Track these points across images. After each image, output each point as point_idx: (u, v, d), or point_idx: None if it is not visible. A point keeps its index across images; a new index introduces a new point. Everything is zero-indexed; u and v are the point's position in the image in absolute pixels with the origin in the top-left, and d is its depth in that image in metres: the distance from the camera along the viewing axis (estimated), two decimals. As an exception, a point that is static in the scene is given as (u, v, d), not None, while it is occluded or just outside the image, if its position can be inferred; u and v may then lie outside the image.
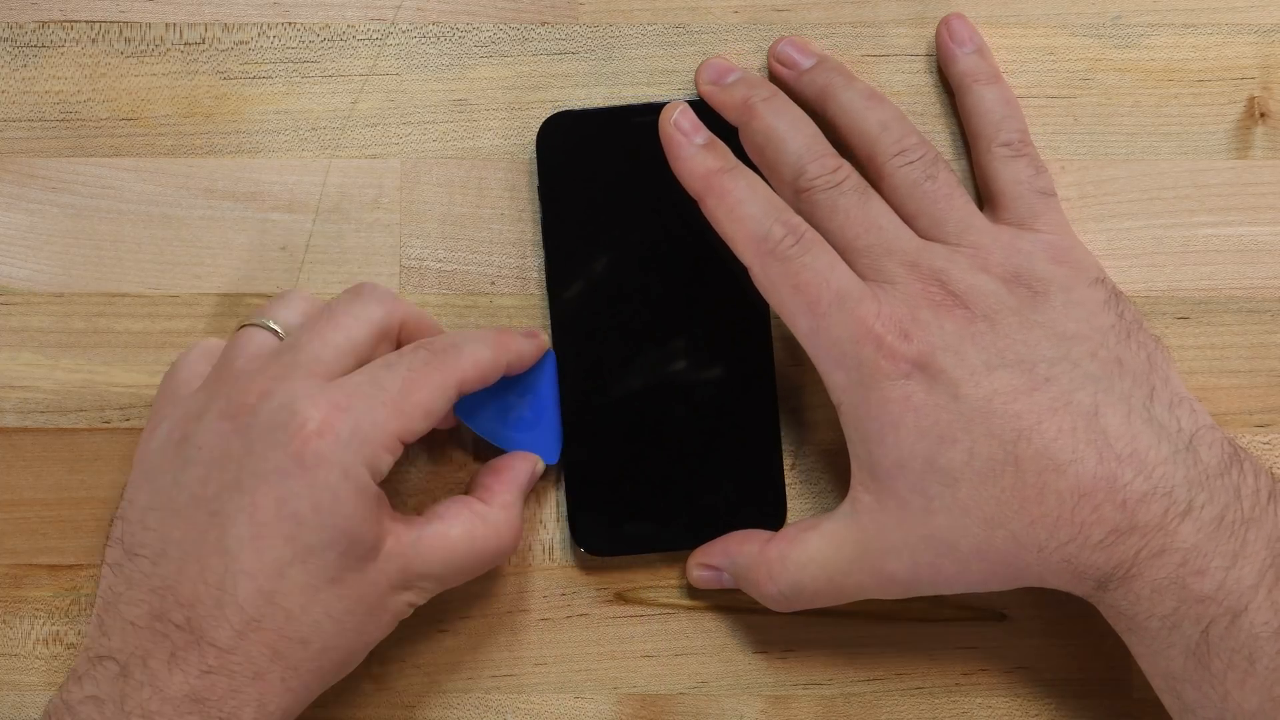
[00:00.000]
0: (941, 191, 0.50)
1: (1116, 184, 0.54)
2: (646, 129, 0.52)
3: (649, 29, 0.55)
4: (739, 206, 0.48)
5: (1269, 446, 0.53)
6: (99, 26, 0.54)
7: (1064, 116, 0.54)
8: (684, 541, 0.52)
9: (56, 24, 0.54)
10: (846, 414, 0.48)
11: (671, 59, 0.54)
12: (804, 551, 0.49)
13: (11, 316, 0.53)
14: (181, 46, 0.54)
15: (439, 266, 0.54)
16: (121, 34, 0.54)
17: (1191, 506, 0.44)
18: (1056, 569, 0.46)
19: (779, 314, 0.48)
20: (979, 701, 0.53)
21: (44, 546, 0.53)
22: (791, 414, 0.53)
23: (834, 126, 0.52)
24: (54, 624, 0.53)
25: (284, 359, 0.47)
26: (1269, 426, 0.53)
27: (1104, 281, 0.49)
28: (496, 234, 0.54)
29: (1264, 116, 0.54)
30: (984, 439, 0.45)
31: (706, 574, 0.52)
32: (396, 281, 0.54)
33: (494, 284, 0.54)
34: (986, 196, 0.52)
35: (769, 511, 0.52)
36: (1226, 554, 0.44)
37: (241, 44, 0.54)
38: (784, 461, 0.53)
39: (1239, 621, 0.43)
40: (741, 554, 0.51)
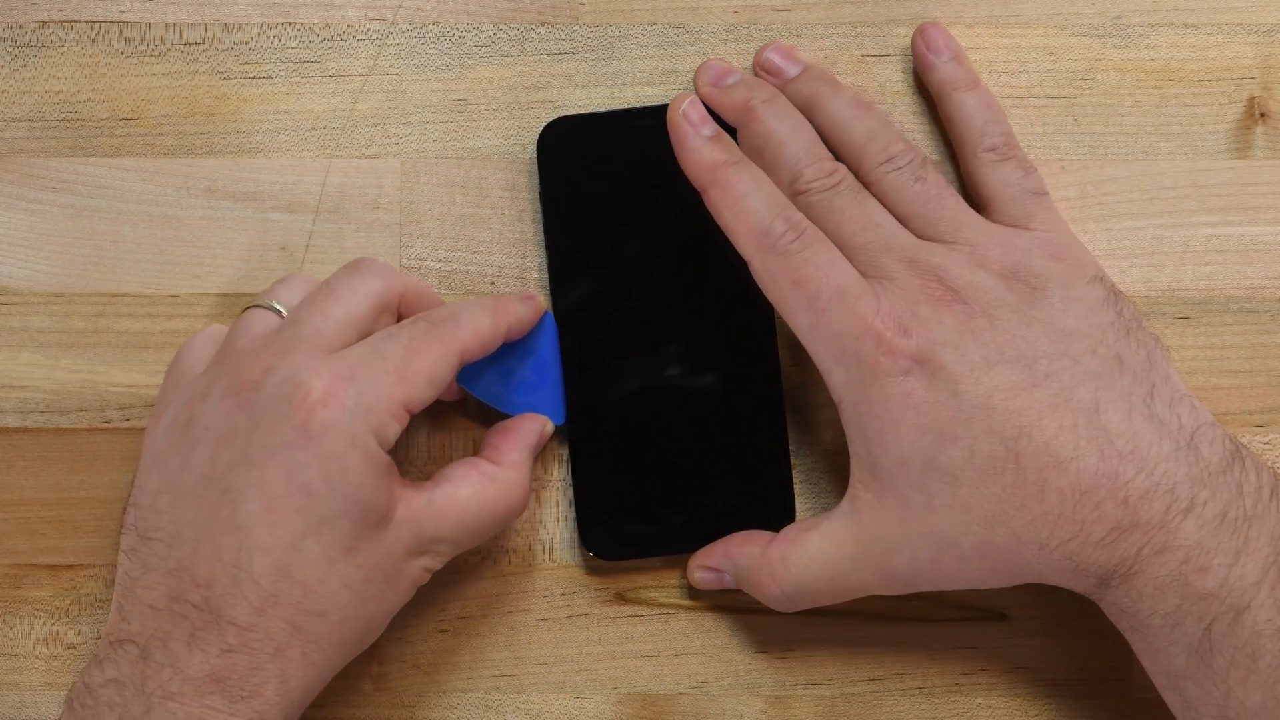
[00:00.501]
0: (932, 192, 0.50)
1: (1116, 184, 0.54)
2: (646, 132, 0.52)
3: (649, 29, 0.55)
4: (742, 200, 0.48)
5: (1269, 446, 0.53)
6: (99, 26, 0.54)
7: (1064, 116, 0.54)
8: (692, 545, 0.52)
9: (56, 24, 0.54)
10: (846, 411, 0.48)
11: (671, 59, 0.54)
12: (805, 552, 0.49)
13: (11, 316, 0.53)
14: (181, 46, 0.54)
15: (439, 266, 0.54)
16: (121, 34, 0.54)
17: (1194, 504, 0.44)
18: (1058, 566, 0.46)
19: (779, 310, 0.48)
20: (979, 701, 0.53)
21: (44, 546, 0.53)
22: (793, 414, 0.53)
23: (821, 135, 0.52)
24: (54, 624, 0.53)
25: (285, 335, 0.47)
26: (1269, 426, 0.53)
27: (1102, 279, 0.49)
28: (496, 234, 0.54)
29: (1264, 116, 0.54)
30: (984, 436, 0.45)
31: (708, 575, 0.52)
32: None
33: (494, 284, 0.54)
34: (979, 202, 0.52)
35: (778, 514, 0.52)
36: (1229, 551, 0.44)
37: (241, 44, 0.54)
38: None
39: (1242, 619, 0.43)
40: (743, 556, 0.51)
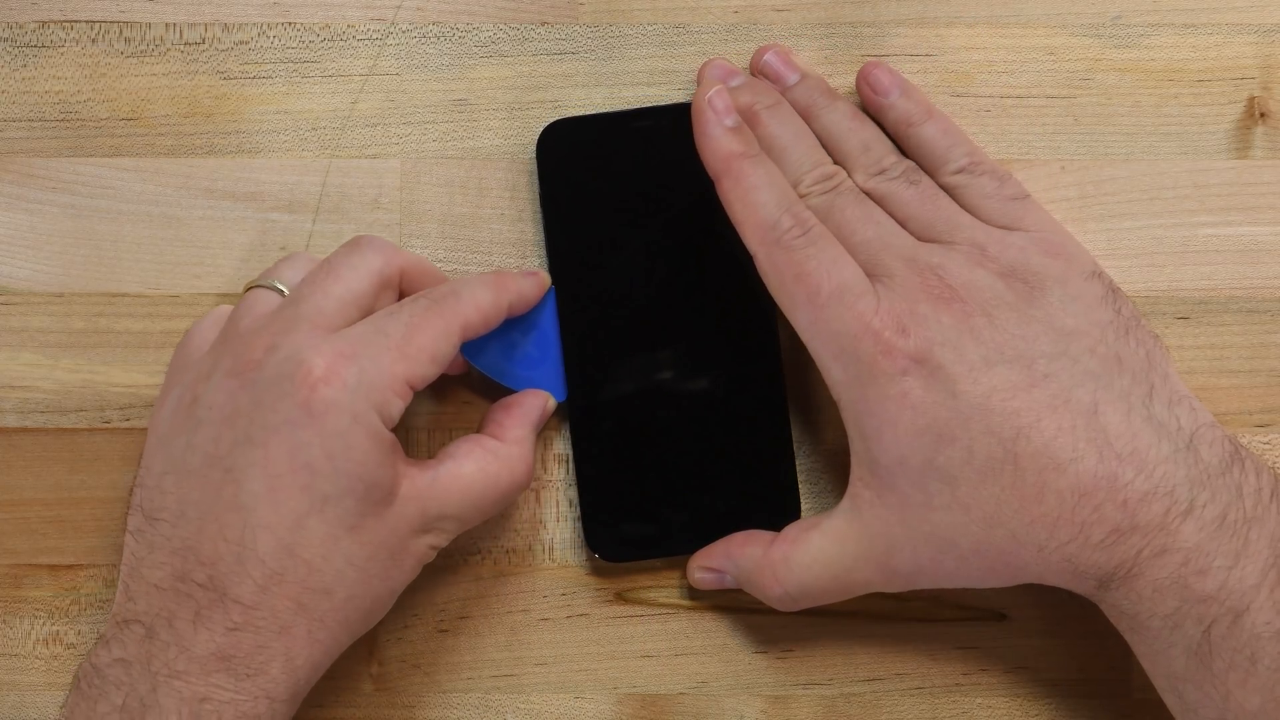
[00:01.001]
0: (926, 195, 0.50)
1: (1116, 184, 0.54)
2: (645, 133, 0.52)
3: (649, 29, 0.55)
4: (753, 192, 0.48)
5: (1269, 446, 0.53)
6: (99, 26, 0.54)
7: (1064, 116, 0.54)
8: (697, 545, 0.52)
9: (56, 24, 0.54)
10: (845, 410, 0.48)
11: (671, 59, 0.54)
12: (807, 552, 0.49)
13: (11, 316, 0.53)
14: (181, 46, 0.54)
15: (439, 266, 0.54)
16: (121, 34, 0.54)
17: (1193, 506, 0.44)
18: (1057, 568, 0.46)
19: (780, 305, 0.48)
20: (979, 701, 0.53)
21: (44, 546, 0.53)
22: (796, 414, 0.53)
23: None
24: (54, 624, 0.53)
25: (287, 313, 0.47)
26: (1269, 426, 0.53)
27: (1100, 276, 0.49)
28: (496, 234, 0.54)
29: (1264, 116, 0.54)
30: (982, 437, 0.45)
31: (709, 576, 0.52)
32: (397, 281, 0.54)
33: (494, 284, 0.54)
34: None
35: (783, 513, 0.52)
36: (1228, 553, 0.44)
37: (241, 44, 0.54)
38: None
39: (1241, 621, 0.43)
40: (744, 557, 0.51)
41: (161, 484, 0.47)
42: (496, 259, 0.54)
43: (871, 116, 0.53)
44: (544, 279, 0.52)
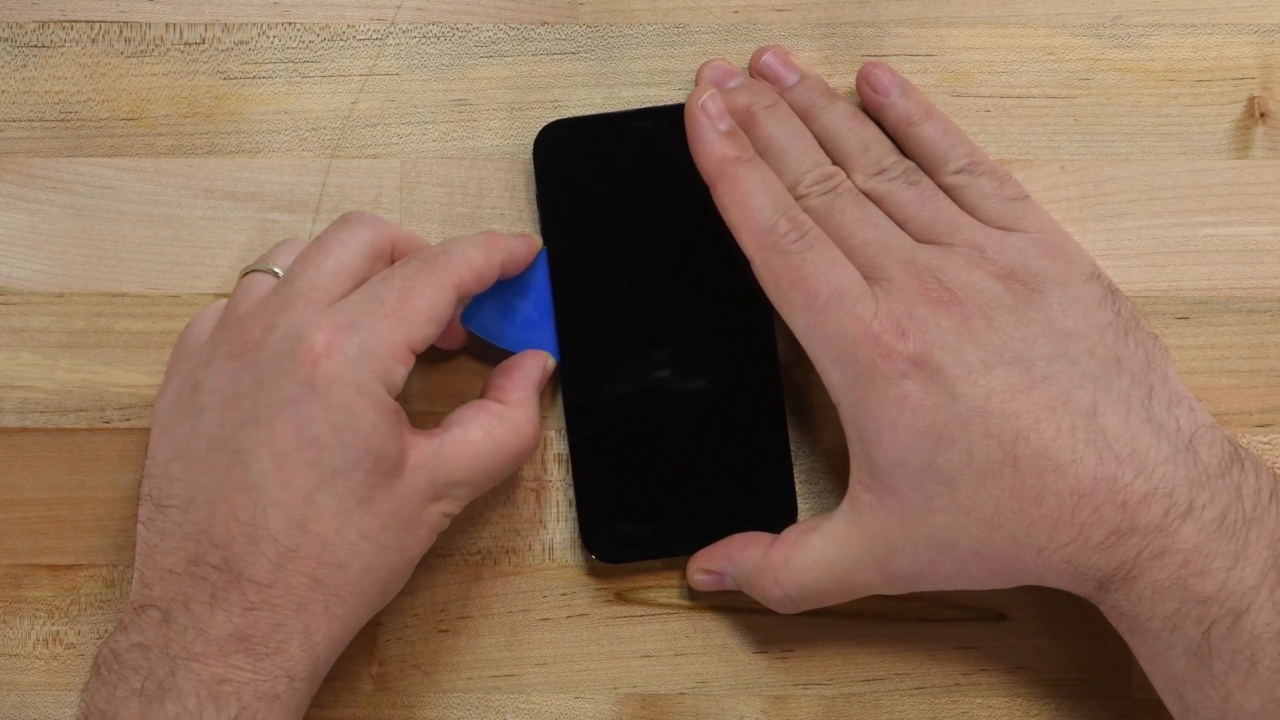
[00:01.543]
0: (926, 195, 0.50)
1: (1116, 184, 0.54)
2: (642, 134, 0.52)
3: (649, 29, 0.55)
4: (749, 197, 0.48)
5: (1269, 446, 0.53)
6: (99, 26, 0.54)
7: (1064, 116, 0.54)
8: (695, 546, 0.52)
9: (56, 24, 0.54)
10: (845, 412, 0.48)
11: (671, 59, 0.54)
12: (807, 554, 0.49)
13: (11, 316, 0.53)
14: (181, 46, 0.54)
15: (439, 266, 0.54)
16: (121, 34, 0.54)
17: (1192, 507, 0.44)
18: (1057, 569, 0.46)
19: (778, 309, 0.49)
20: (979, 701, 0.53)
21: (44, 546, 0.53)
22: (794, 415, 0.53)
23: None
24: (54, 624, 0.53)
25: (282, 293, 0.47)
26: (1269, 426, 0.53)
27: (1099, 277, 0.49)
28: (496, 234, 0.54)
29: (1264, 116, 0.54)
30: (981, 439, 0.45)
31: (708, 578, 0.52)
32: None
33: (494, 284, 0.54)
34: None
35: (780, 514, 0.52)
36: (1228, 555, 0.44)
37: (241, 44, 0.54)
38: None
39: (1241, 622, 0.43)
40: (744, 559, 0.51)
41: (169, 471, 0.47)
42: (496, 259, 0.54)
43: (871, 116, 0.53)
44: (534, 240, 0.52)
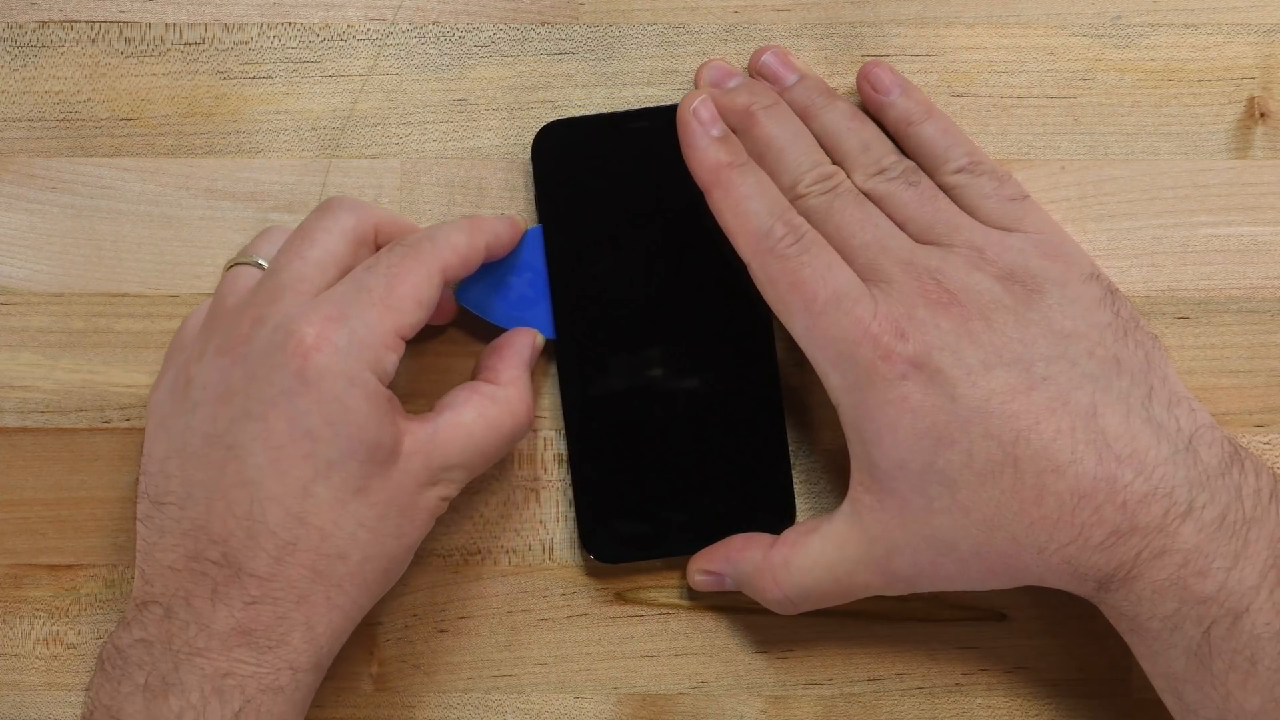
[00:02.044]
0: (926, 196, 0.50)
1: (1116, 184, 0.54)
2: (641, 134, 0.52)
3: (649, 29, 0.55)
4: (744, 202, 0.48)
5: (1269, 446, 0.53)
6: (99, 26, 0.54)
7: (1064, 116, 0.54)
8: (694, 547, 0.52)
9: (56, 24, 0.54)
10: (845, 414, 0.48)
11: (671, 59, 0.54)
12: (807, 555, 0.49)
13: (11, 316, 0.53)
14: (181, 46, 0.54)
15: (439, 266, 0.54)
16: (121, 34, 0.54)
17: (1192, 507, 0.44)
18: (1057, 570, 0.46)
19: (776, 313, 0.48)
20: (979, 701, 0.53)
21: (44, 546, 0.53)
22: (792, 415, 0.53)
23: None
24: (54, 624, 0.53)
25: (268, 284, 0.47)
26: (1269, 426, 0.53)
27: (1098, 277, 0.49)
28: (496, 234, 0.54)
29: (1264, 116, 0.54)
30: (982, 440, 0.45)
31: (708, 579, 0.52)
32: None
33: (494, 284, 0.54)
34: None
35: (779, 515, 0.52)
36: (1228, 555, 0.44)
37: (241, 44, 0.54)
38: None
39: (1240, 622, 0.43)
40: (744, 560, 0.51)
41: (165, 468, 0.47)
42: (496, 259, 0.54)
43: (871, 115, 0.53)
44: (518, 221, 0.52)
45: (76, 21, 0.54)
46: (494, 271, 0.52)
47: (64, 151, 0.54)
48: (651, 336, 0.52)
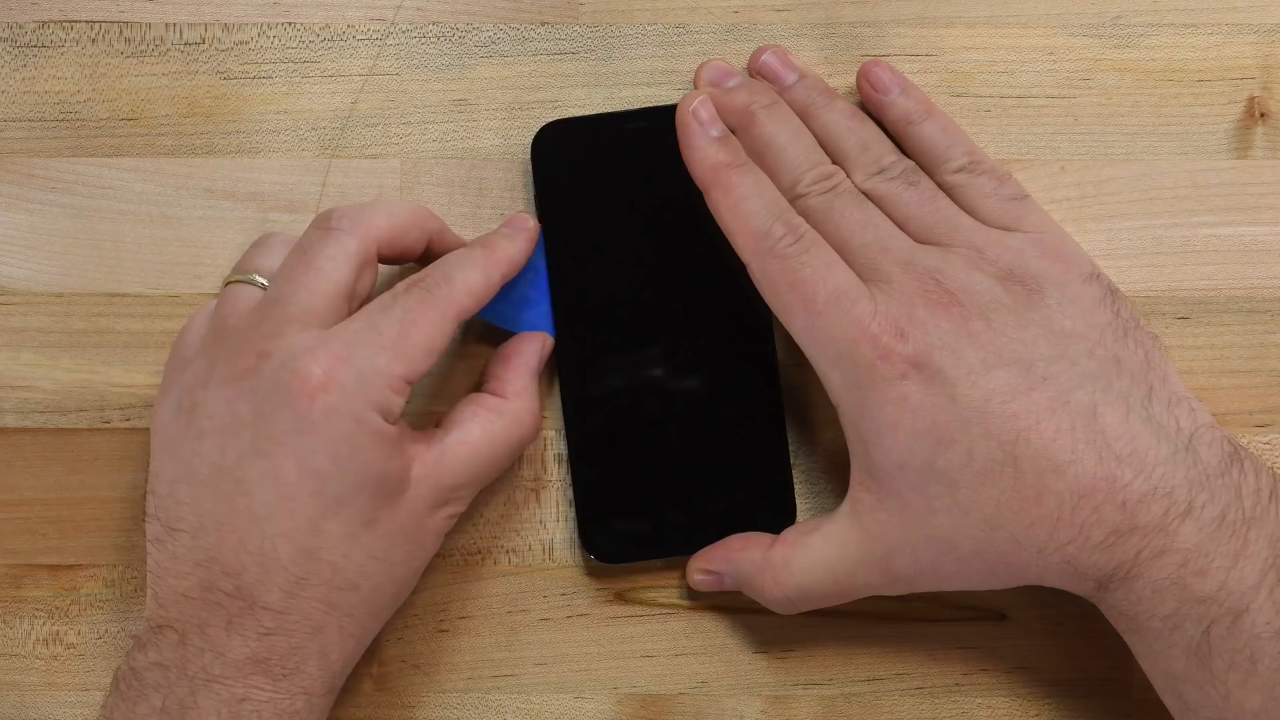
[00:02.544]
0: (926, 196, 0.50)
1: (1116, 184, 0.54)
2: (640, 134, 0.52)
3: (649, 29, 0.55)
4: (743, 202, 0.48)
5: (1269, 446, 0.53)
6: (99, 26, 0.54)
7: (1064, 116, 0.54)
8: (693, 546, 0.52)
9: (56, 24, 0.54)
10: (844, 414, 0.48)
11: (671, 59, 0.54)
12: (808, 555, 0.49)
13: (11, 316, 0.53)
14: (181, 46, 0.54)
15: (439, 266, 0.53)
16: (121, 34, 0.54)
17: (1192, 507, 0.44)
18: (1057, 569, 0.46)
19: (776, 313, 0.48)
20: (979, 701, 0.53)
21: (44, 546, 0.53)
22: (792, 415, 0.53)
23: None
24: (54, 624, 0.53)
25: (274, 314, 0.47)
26: (1269, 426, 0.53)
27: (1098, 277, 0.49)
28: (496, 234, 0.54)
29: (1264, 116, 0.54)
30: (982, 440, 0.45)
31: (707, 579, 0.52)
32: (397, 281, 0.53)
33: (494, 284, 0.54)
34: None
35: (778, 515, 0.52)
36: (1228, 554, 0.44)
37: (241, 44, 0.54)
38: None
39: (1240, 622, 0.43)
40: (744, 560, 0.51)
41: (175, 493, 0.47)
42: (496, 259, 0.54)
43: (871, 115, 0.53)
44: (530, 230, 0.51)
45: (76, 21, 0.54)
46: None
47: (64, 151, 0.54)
48: (651, 336, 0.52)
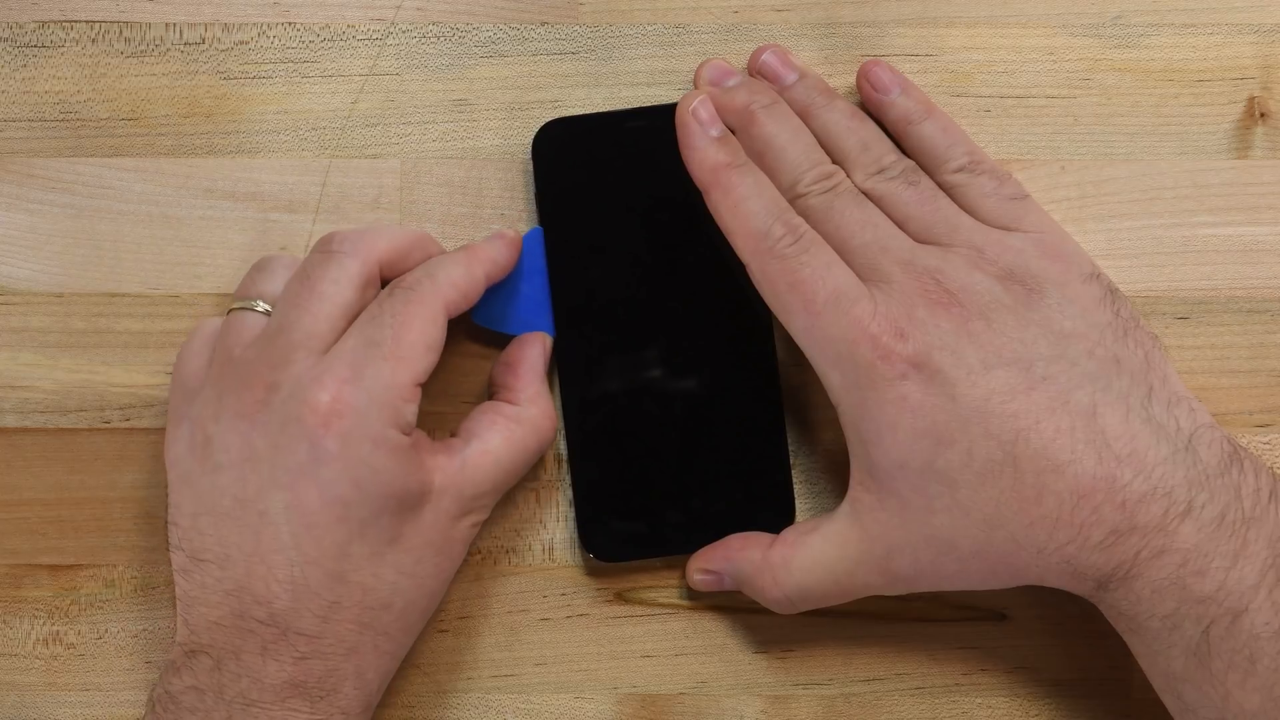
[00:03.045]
0: (925, 195, 0.50)
1: (1116, 184, 0.54)
2: (641, 133, 0.52)
3: (649, 29, 0.55)
4: (743, 203, 0.48)
5: (1269, 446, 0.53)
6: (99, 26, 0.54)
7: (1064, 116, 0.54)
8: (693, 546, 0.52)
9: (56, 24, 0.54)
10: (844, 414, 0.48)
11: (671, 59, 0.54)
12: (807, 555, 0.49)
13: (11, 316, 0.53)
14: (181, 46, 0.54)
15: (439, 266, 0.53)
16: (121, 34, 0.54)
17: (1191, 507, 0.44)
18: (1056, 569, 0.46)
19: (776, 313, 0.49)
20: (979, 701, 0.53)
21: (44, 546, 0.53)
22: (792, 415, 0.53)
23: None
24: (54, 624, 0.53)
25: (279, 343, 0.47)
26: (1269, 426, 0.53)
27: (1098, 277, 0.49)
28: (496, 234, 0.54)
29: (1264, 116, 0.54)
30: (981, 440, 0.45)
31: (707, 579, 0.52)
32: (396, 281, 0.54)
33: (494, 284, 0.54)
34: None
35: (778, 514, 0.52)
36: (1227, 554, 0.44)
37: (241, 44, 0.54)
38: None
39: (1240, 622, 0.43)
40: (743, 560, 0.51)
41: (198, 525, 0.47)
42: (496, 259, 0.54)
43: (871, 115, 0.53)
44: (514, 237, 0.52)
45: (76, 21, 0.54)
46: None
47: (64, 151, 0.54)
48: (651, 336, 0.52)
